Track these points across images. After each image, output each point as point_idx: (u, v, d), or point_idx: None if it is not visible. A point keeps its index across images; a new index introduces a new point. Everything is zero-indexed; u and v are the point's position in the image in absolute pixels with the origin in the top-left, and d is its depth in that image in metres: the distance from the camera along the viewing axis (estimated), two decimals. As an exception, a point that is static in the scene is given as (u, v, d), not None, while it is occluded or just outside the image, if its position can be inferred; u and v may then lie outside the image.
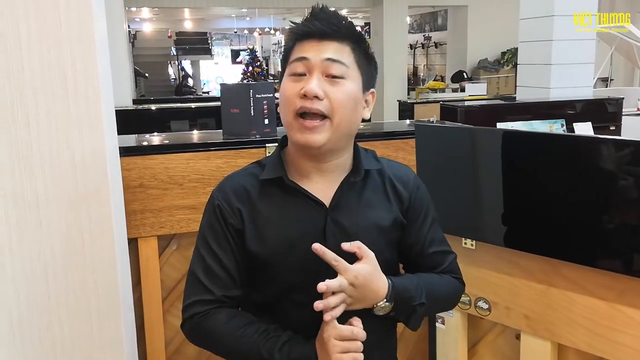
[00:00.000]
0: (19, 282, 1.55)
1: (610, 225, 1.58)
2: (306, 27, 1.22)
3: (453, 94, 9.49)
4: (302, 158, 1.27)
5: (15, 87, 1.49)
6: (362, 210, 1.28)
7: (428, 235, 1.37)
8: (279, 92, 1.27)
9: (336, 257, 1.15)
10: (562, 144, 1.75)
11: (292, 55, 1.24)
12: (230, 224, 1.26)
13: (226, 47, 21.43)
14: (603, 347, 1.65)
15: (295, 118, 1.20)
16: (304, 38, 1.22)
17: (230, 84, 2.65)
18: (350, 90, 1.22)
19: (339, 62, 1.20)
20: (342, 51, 1.21)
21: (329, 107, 1.19)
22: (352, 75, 1.22)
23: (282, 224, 1.25)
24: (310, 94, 1.17)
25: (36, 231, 1.55)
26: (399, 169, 1.38)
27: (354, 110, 1.24)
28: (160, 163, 2.12)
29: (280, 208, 1.26)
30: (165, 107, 6.37)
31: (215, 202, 1.28)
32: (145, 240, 2.15)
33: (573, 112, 4.11)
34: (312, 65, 1.20)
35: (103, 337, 1.66)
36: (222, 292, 1.27)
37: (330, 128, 1.20)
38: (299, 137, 1.21)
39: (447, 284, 1.38)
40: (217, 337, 1.26)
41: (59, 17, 1.50)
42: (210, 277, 1.27)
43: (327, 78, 1.20)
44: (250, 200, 1.27)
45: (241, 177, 1.31)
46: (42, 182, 1.54)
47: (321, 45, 1.21)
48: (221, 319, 1.25)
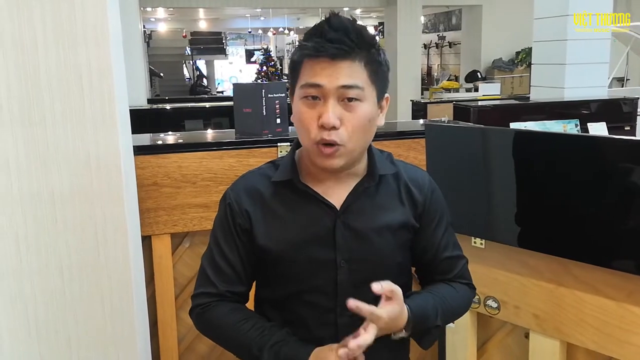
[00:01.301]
0: (35, 277, 1.59)
1: (622, 225, 1.58)
2: (316, 49, 1.17)
3: (467, 93, 9.45)
4: (316, 165, 1.27)
5: (32, 86, 1.52)
6: (374, 214, 1.29)
7: (442, 240, 1.38)
8: (294, 111, 1.25)
9: (372, 309, 1.13)
10: (573, 144, 1.75)
11: (303, 74, 1.20)
12: (238, 224, 1.29)
13: (240, 46, 21.50)
14: (612, 347, 1.65)
15: (314, 144, 1.20)
16: (313, 57, 1.18)
17: (243, 83, 2.68)
18: (365, 113, 1.20)
19: (353, 87, 1.18)
20: (355, 72, 1.18)
21: (344, 136, 1.19)
22: (367, 95, 1.20)
23: (292, 225, 1.27)
24: (328, 126, 1.17)
25: (52, 228, 1.59)
26: (414, 172, 1.38)
27: (370, 129, 1.24)
28: (173, 162, 2.15)
29: (291, 209, 1.28)
30: (179, 107, 6.41)
31: (227, 201, 1.31)
32: (159, 238, 2.18)
33: (587, 112, 4.08)
34: (326, 91, 1.17)
35: (117, 332, 1.69)
36: (226, 287, 1.31)
37: (345, 152, 1.21)
38: (318, 162, 1.23)
39: (461, 297, 1.39)
40: (216, 328, 1.31)
41: (75, 17, 1.53)
42: (216, 272, 1.31)
43: (342, 102, 1.19)
44: (262, 200, 1.29)
45: (255, 177, 1.33)
46: (57, 180, 1.57)
47: (334, 68, 1.17)
48: (221, 311, 1.30)
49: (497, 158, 1.85)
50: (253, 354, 1.24)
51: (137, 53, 6.55)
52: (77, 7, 1.53)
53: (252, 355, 1.24)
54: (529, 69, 7.41)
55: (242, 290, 1.33)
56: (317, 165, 1.24)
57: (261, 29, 19.39)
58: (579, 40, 4.24)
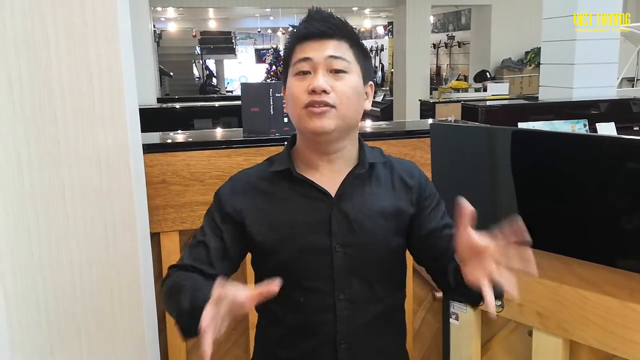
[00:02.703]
0: (46, 271, 1.62)
1: (625, 224, 1.59)
2: (306, 28, 1.29)
3: (475, 93, 9.44)
4: (311, 150, 1.33)
5: (44, 85, 1.55)
6: (367, 200, 1.33)
7: (440, 223, 1.41)
8: (286, 92, 1.33)
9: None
10: (578, 144, 1.76)
11: (294, 56, 1.30)
12: (227, 213, 1.33)
13: (250, 46, 21.53)
14: (615, 345, 1.66)
15: (303, 109, 1.26)
16: (304, 39, 1.29)
17: (251, 83, 2.70)
18: (353, 83, 1.28)
19: (340, 58, 1.27)
20: (341, 48, 1.28)
21: (335, 99, 1.26)
22: (353, 69, 1.29)
23: (289, 213, 1.31)
24: (319, 89, 1.24)
25: (63, 224, 1.62)
26: (405, 164, 1.44)
27: (358, 101, 1.31)
28: (182, 160, 2.18)
29: (288, 198, 1.32)
30: (189, 106, 6.47)
31: (220, 192, 1.37)
32: (167, 235, 2.21)
33: (596, 112, 4.07)
34: (315, 63, 1.26)
35: (125, 327, 1.72)
36: (192, 262, 1.30)
37: (336, 115, 1.26)
38: (309, 124, 1.26)
39: None
40: (165, 292, 1.27)
41: (85, 17, 1.56)
42: (190, 250, 1.34)
43: (330, 73, 1.27)
44: (256, 193, 1.33)
45: (251, 171, 1.39)
46: (68, 177, 1.60)
47: (322, 44, 1.27)
48: (178, 275, 1.27)
49: (502, 157, 1.86)
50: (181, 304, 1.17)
51: (147, 52, 6.60)
52: (88, 6, 1.56)
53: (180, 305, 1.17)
54: (537, 69, 7.40)
55: (210, 272, 1.28)
56: (310, 131, 1.27)
57: (270, 28, 19.42)
58: (587, 40, 4.23)
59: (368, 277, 1.32)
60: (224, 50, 17.59)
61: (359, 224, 1.31)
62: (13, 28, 1.51)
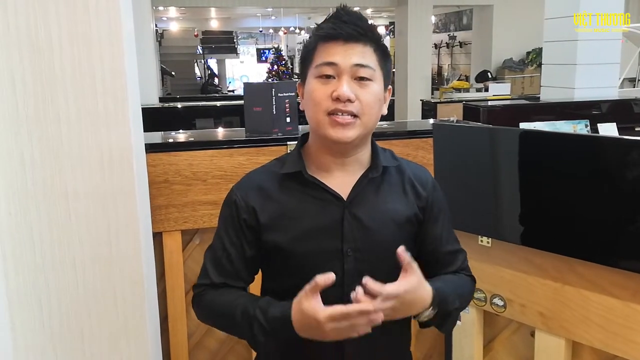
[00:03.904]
0: (48, 271, 1.62)
1: (628, 224, 1.59)
2: (333, 29, 1.24)
3: (477, 93, 9.41)
4: (324, 153, 1.31)
5: (47, 85, 1.55)
6: (379, 205, 1.32)
7: (443, 234, 1.40)
8: (306, 92, 1.30)
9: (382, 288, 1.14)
10: (580, 144, 1.76)
11: (317, 56, 1.26)
12: (244, 219, 1.31)
13: (252, 46, 21.53)
14: (618, 345, 1.66)
15: (326, 115, 1.24)
16: (328, 40, 1.25)
17: (253, 82, 2.71)
18: (376, 92, 1.27)
19: (367, 67, 1.24)
20: (367, 54, 1.25)
21: (359, 108, 1.24)
22: (377, 76, 1.27)
23: (300, 216, 1.29)
24: (344, 98, 1.22)
25: (65, 223, 1.62)
26: (417, 169, 1.42)
27: (379, 108, 1.30)
28: (184, 159, 2.18)
29: (299, 201, 1.30)
30: (191, 106, 6.46)
31: (233, 198, 1.34)
32: (170, 235, 2.21)
33: (598, 112, 4.06)
34: (341, 69, 1.23)
35: (128, 326, 1.72)
36: (223, 279, 1.34)
37: (360, 126, 1.25)
38: (331, 133, 1.24)
39: (467, 285, 1.42)
40: (210, 310, 1.34)
41: (89, 18, 1.56)
42: (215, 266, 1.34)
43: (355, 81, 1.24)
44: (268, 196, 1.32)
45: (261, 174, 1.37)
46: (71, 177, 1.61)
47: (347, 49, 1.24)
48: (214, 294, 1.33)
49: (504, 157, 1.86)
50: (243, 323, 1.25)
51: (149, 52, 6.59)
52: (91, 7, 1.56)
53: (243, 324, 1.25)
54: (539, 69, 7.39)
55: (240, 285, 1.35)
56: (331, 139, 1.25)
57: (272, 28, 19.41)
58: (589, 40, 4.23)
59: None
60: (225, 49, 17.59)
61: (371, 228, 1.29)
62: (17, 28, 1.51)
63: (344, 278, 1.28)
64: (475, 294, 1.99)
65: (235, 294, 1.32)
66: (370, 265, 1.29)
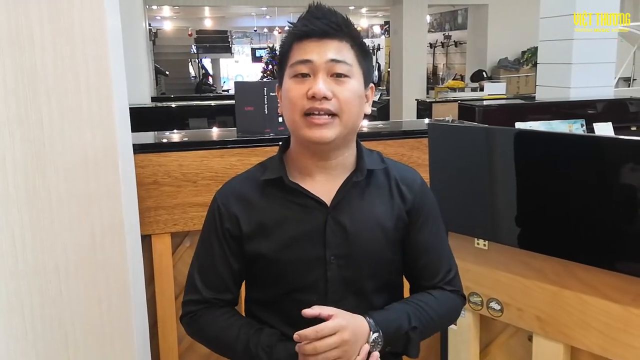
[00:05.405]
0: (31, 277, 1.57)
1: (627, 227, 1.56)
2: (306, 26, 1.21)
3: (472, 93, 9.40)
4: (306, 157, 1.27)
5: (29, 85, 1.50)
6: (364, 210, 1.28)
7: (426, 242, 1.35)
8: (282, 93, 1.26)
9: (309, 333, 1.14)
10: (577, 145, 1.72)
11: (293, 56, 1.22)
12: (227, 229, 1.28)
13: (246, 45, 21.49)
14: (617, 351, 1.63)
15: (302, 116, 1.20)
16: (303, 38, 1.21)
17: (245, 81, 2.66)
18: (355, 88, 1.22)
19: (342, 62, 1.20)
20: (343, 50, 1.21)
21: (337, 106, 1.20)
22: (355, 72, 1.22)
23: (282, 224, 1.25)
24: (319, 96, 1.18)
25: (48, 227, 1.57)
26: (404, 170, 1.37)
27: (359, 106, 1.25)
28: (174, 160, 2.13)
29: (282, 208, 1.26)
30: (184, 105, 6.40)
31: (215, 206, 1.31)
32: (159, 237, 2.16)
33: (593, 112, 4.05)
34: (316, 67, 1.19)
35: (114, 332, 1.67)
36: (213, 294, 1.30)
37: (339, 125, 1.21)
38: (308, 134, 1.20)
39: (442, 302, 1.34)
40: (206, 335, 1.32)
41: (72, 15, 1.51)
42: (203, 279, 1.31)
43: (332, 77, 1.20)
44: (250, 203, 1.28)
45: (242, 181, 1.33)
46: (54, 179, 1.56)
47: (322, 45, 1.20)
48: (209, 318, 1.30)
49: (500, 158, 1.83)
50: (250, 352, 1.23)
51: (142, 51, 6.54)
52: (75, 4, 1.51)
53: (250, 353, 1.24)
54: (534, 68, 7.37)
55: (229, 298, 1.33)
56: (309, 141, 1.21)
57: (267, 27, 19.38)
58: (585, 40, 4.21)
59: (363, 289, 1.27)
60: (220, 49, 17.52)
61: (355, 235, 1.25)
62: (-3, 25, 1.46)
63: (327, 286, 1.24)
64: (471, 298, 1.95)
65: (230, 320, 1.29)
66: (353, 272, 1.25)
